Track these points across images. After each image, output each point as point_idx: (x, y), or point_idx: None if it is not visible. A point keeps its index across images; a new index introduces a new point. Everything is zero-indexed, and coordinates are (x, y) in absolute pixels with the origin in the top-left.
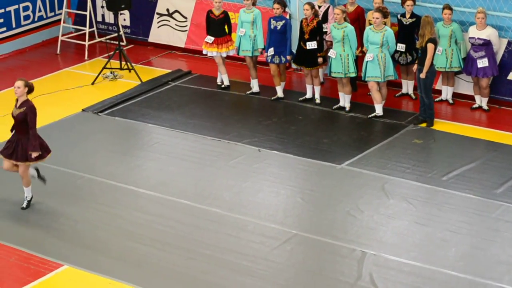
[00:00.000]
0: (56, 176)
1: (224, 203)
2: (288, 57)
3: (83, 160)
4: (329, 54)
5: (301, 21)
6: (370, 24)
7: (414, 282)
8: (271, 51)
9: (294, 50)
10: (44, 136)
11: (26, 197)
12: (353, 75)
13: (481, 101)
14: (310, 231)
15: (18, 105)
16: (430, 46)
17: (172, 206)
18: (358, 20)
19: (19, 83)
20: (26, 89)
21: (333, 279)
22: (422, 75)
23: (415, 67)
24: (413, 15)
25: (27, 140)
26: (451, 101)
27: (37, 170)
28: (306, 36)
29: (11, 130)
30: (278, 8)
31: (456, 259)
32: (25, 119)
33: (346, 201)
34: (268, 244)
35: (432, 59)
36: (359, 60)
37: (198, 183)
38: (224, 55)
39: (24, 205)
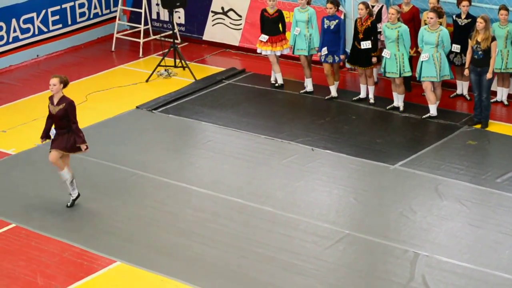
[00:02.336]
0: (110, 172)
1: (277, 202)
2: (342, 57)
3: (137, 157)
4: (383, 54)
5: (356, 21)
6: (426, 24)
7: (466, 284)
8: (324, 50)
9: (348, 50)
10: (97, 132)
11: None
12: (408, 75)
13: None
14: (362, 231)
15: (55, 102)
16: (495, 44)
17: (225, 204)
18: (413, 20)
19: (55, 81)
20: (62, 85)
21: (385, 280)
22: (489, 75)
23: (466, 71)
24: (468, 15)
25: (69, 134)
26: (506, 102)
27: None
28: (361, 36)
29: (43, 137)
30: (331, 8)
31: (510, 262)
32: (65, 115)
33: (399, 201)
34: (320, 244)
35: None
36: (413, 60)
37: (251, 181)
38: (278, 53)
39: (74, 199)
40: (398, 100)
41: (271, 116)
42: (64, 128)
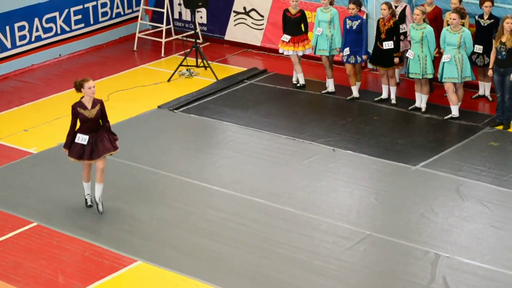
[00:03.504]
0: (131, 172)
1: (298, 202)
2: (364, 57)
3: (158, 157)
4: (407, 55)
5: (378, 21)
6: (448, 25)
7: (488, 286)
8: (346, 50)
9: (370, 50)
10: (119, 131)
11: (89, 194)
12: (431, 76)
13: None
14: (383, 232)
15: (89, 106)
16: None
17: (246, 204)
18: (435, 20)
19: (93, 83)
20: None
21: (406, 281)
22: None
23: (490, 72)
24: (491, 16)
25: (103, 133)
26: None
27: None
28: (383, 36)
29: (67, 147)
30: (353, 8)
31: None
32: (101, 116)
33: (420, 202)
34: (341, 244)
35: None
36: (435, 61)
37: (272, 181)
38: (300, 54)
39: (98, 208)
40: (422, 101)
41: (293, 116)
42: (97, 130)
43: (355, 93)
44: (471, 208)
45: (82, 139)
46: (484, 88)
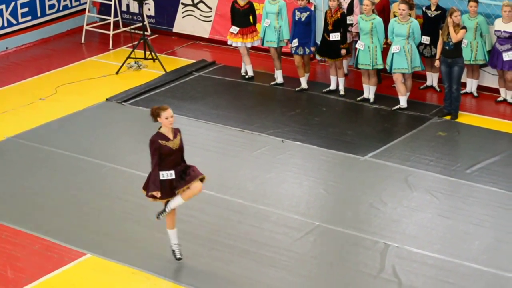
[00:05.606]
0: (80, 165)
1: (248, 193)
2: (313, 49)
3: (107, 149)
4: (357, 46)
5: (326, 12)
6: (395, 16)
7: (437, 274)
8: (295, 42)
9: (318, 42)
10: (68, 125)
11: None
12: (381, 67)
13: (506, 94)
14: (333, 223)
15: (171, 136)
16: (464, 32)
17: (195, 196)
18: (383, 11)
19: (171, 111)
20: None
21: (355, 271)
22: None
23: (437, 62)
24: (438, 7)
25: (184, 165)
26: (475, 94)
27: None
28: (330, 27)
29: (158, 189)
30: (302, 0)
31: (480, 252)
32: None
33: (369, 193)
34: (291, 235)
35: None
36: (383, 52)
37: (221, 173)
38: (249, 45)
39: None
40: (370, 92)
41: (242, 108)
42: (180, 163)
43: (304, 84)
44: (419, 198)
45: (168, 175)
46: (432, 79)
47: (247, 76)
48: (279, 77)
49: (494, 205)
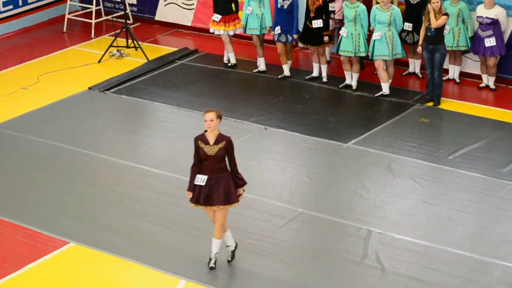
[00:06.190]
0: (62, 153)
1: None
2: (295, 36)
3: (89, 138)
4: (340, 32)
5: (307, 0)
6: (377, 3)
7: (420, 260)
8: (277, 29)
9: (301, 29)
10: (50, 114)
11: (229, 246)
12: (363, 54)
13: (488, 80)
14: (316, 210)
15: (212, 141)
16: (445, 18)
17: (179, 184)
18: None
19: (212, 115)
20: (219, 120)
21: (339, 258)
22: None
23: (419, 49)
24: None
25: (225, 179)
26: (458, 80)
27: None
28: (312, 15)
29: (191, 190)
30: None
31: (462, 238)
32: (224, 155)
33: (352, 179)
34: (274, 222)
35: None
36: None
37: None
38: (231, 33)
39: (229, 258)
40: (353, 79)
41: (224, 96)
42: (218, 172)
43: (286, 71)
44: (402, 184)
45: (200, 179)
46: (414, 65)
47: (229, 64)
48: (261, 64)
49: (477, 191)
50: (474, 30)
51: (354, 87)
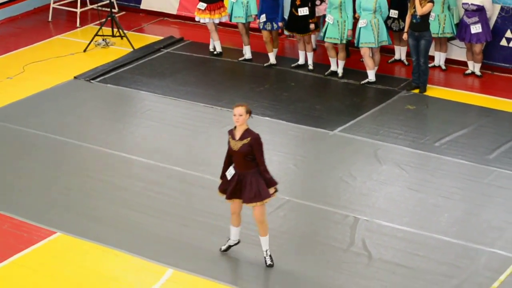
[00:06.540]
0: (48, 143)
1: (217, 170)
2: (280, 24)
3: (76, 128)
4: (326, 19)
5: None
6: None
7: (406, 247)
8: (263, 17)
9: (286, 17)
10: (36, 103)
11: (266, 250)
12: (349, 38)
13: (474, 67)
14: (302, 197)
15: (237, 136)
16: (431, 5)
17: (165, 173)
18: None
19: (241, 110)
20: (248, 115)
21: (326, 245)
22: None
23: (405, 35)
24: None
25: (253, 176)
26: (443, 67)
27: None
28: (298, 2)
29: (222, 177)
30: None
31: (449, 225)
32: (249, 152)
33: (338, 167)
34: None
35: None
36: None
37: (191, 149)
38: (217, 21)
39: (268, 263)
40: (338, 66)
41: (210, 84)
42: (245, 168)
43: (272, 59)
44: (388, 172)
45: (229, 172)
46: (400, 53)
47: (215, 52)
48: (247, 52)
49: (463, 177)
50: (459, 17)
51: (340, 74)
